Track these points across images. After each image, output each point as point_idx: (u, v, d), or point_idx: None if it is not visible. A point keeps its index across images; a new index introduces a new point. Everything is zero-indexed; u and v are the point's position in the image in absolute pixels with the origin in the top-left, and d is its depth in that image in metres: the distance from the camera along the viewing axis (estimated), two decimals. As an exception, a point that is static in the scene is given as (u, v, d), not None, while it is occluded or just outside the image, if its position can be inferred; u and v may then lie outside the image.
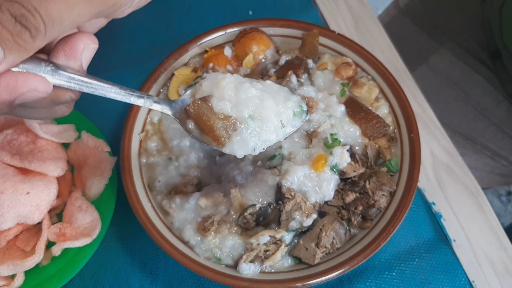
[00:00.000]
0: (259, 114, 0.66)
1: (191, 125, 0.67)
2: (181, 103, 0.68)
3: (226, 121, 0.66)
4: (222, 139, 0.66)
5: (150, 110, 0.96)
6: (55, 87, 0.53)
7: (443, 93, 1.25)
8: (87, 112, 1.01)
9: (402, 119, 0.89)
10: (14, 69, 0.49)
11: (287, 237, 0.81)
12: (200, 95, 0.68)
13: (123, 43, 1.15)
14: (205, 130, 0.66)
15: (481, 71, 1.19)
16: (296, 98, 0.73)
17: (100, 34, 1.29)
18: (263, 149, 0.69)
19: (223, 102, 0.66)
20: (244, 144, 0.67)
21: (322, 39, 0.98)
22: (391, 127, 0.91)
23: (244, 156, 0.87)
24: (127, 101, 0.61)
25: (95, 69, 1.18)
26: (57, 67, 0.53)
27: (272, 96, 0.68)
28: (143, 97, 0.63)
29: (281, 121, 0.69)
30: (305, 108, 0.73)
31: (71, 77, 0.54)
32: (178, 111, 0.67)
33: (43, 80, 0.51)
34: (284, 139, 0.71)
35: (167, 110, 0.66)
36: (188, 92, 0.69)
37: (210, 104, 0.66)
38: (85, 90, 0.56)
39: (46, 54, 0.55)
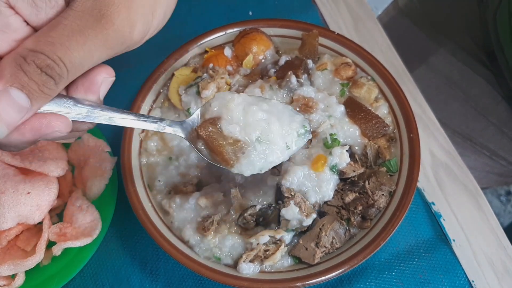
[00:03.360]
0: (266, 137, 0.69)
1: (201, 145, 0.70)
2: (192, 123, 0.71)
3: (235, 146, 0.69)
4: (231, 162, 0.69)
5: (150, 110, 0.96)
6: (74, 120, 0.56)
7: (443, 93, 1.25)
8: (88, 112, 1.01)
9: (402, 119, 0.89)
10: None
11: (287, 237, 0.81)
12: (210, 115, 0.70)
13: (123, 44, 1.15)
14: (215, 152, 0.69)
15: (480, 71, 1.19)
16: (299, 117, 0.75)
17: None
18: (269, 169, 0.72)
19: (233, 126, 0.68)
20: (252, 165, 0.70)
21: (322, 40, 0.98)
22: (391, 127, 0.91)
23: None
24: (142, 127, 0.65)
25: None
26: (76, 101, 0.56)
27: (278, 118, 0.71)
28: (156, 122, 0.66)
29: (286, 142, 0.71)
30: (308, 128, 0.74)
31: (90, 111, 0.57)
32: (189, 132, 0.70)
33: (64, 122, 0.54)
34: (288, 158, 0.73)
35: (179, 133, 0.69)
36: (198, 111, 0.71)
37: (219, 127, 0.69)
38: (103, 121, 0.59)
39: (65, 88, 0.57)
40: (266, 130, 0.69)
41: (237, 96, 0.70)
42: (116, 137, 0.99)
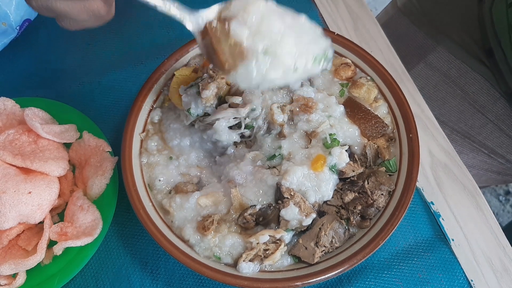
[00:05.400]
0: (274, 50, 0.62)
1: (206, 42, 0.64)
2: (204, 18, 0.64)
3: (236, 49, 0.62)
4: (227, 65, 0.63)
5: (151, 110, 0.96)
6: None
7: (441, 91, 1.25)
8: (89, 112, 1.02)
9: (401, 119, 0.90)
10: None
11: (287, 236, 0.81)
12: (225, 14, 0.64)
13: (124, 44, 1.15)
14: (214, 51, 0.63)
15: (478, 69, 1.19)
16: (325, 42, 0.67)
17: (101, 35, 1.29)
18: (269, 88, 0.66)
19: (241, 28, 0.62)
20: (248, 76, 0.64)
21: (322, 40, 0.98)
22: (390, 127, 0.91)
23: (244, 155, 0.89)
24: None
25: (96, 69, 1.18)
26: None
27: (297, 35, 0.64)
28: None
29: (295, 63, 0.64)
30: (329, 56, 0.67)
31: None
32: (199, 24, 0.64)
33: None
34: (294, 83, 0.67)
35: (186, 20, 0.63)
36: (217, 6, 0.65)
37: (227, 27, 0.62)
38: None
39: None
40: (277, 42, 0.61)
41: (262, 3, 0.63)
42: (117, 137, 0.99)
